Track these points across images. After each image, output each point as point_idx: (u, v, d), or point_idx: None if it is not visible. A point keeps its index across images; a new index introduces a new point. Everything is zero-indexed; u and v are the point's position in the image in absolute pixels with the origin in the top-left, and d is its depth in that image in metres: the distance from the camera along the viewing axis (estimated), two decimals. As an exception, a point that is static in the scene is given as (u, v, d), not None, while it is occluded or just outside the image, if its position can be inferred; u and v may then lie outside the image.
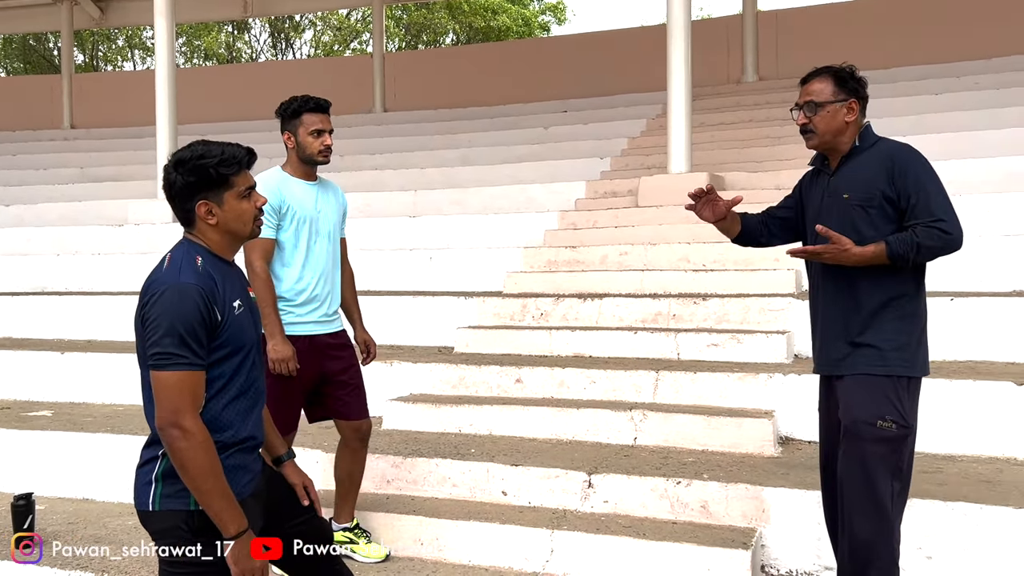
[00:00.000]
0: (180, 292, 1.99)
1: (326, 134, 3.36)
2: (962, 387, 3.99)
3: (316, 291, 3.37)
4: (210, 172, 2.08)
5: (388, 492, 3.97)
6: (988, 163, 6.84)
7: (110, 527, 4.06)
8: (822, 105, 2.73)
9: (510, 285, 6.36)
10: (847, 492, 2.62)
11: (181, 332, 1.96)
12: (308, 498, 2.39)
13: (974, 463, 3.79)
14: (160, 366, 1.97)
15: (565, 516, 3.59)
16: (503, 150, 10.57)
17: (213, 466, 1.98)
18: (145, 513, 2.08)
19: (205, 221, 2.12)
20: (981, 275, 5.36)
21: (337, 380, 3.44)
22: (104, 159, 12.84)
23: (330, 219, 3.44)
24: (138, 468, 2.11)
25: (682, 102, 7.49)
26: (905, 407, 2.57)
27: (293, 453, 2.46)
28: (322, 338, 3.40)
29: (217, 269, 2.11)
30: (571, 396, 4.62)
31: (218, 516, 1.99)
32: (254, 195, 2.17)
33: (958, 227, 2.57)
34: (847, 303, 2.67)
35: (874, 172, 2.65)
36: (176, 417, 1.95)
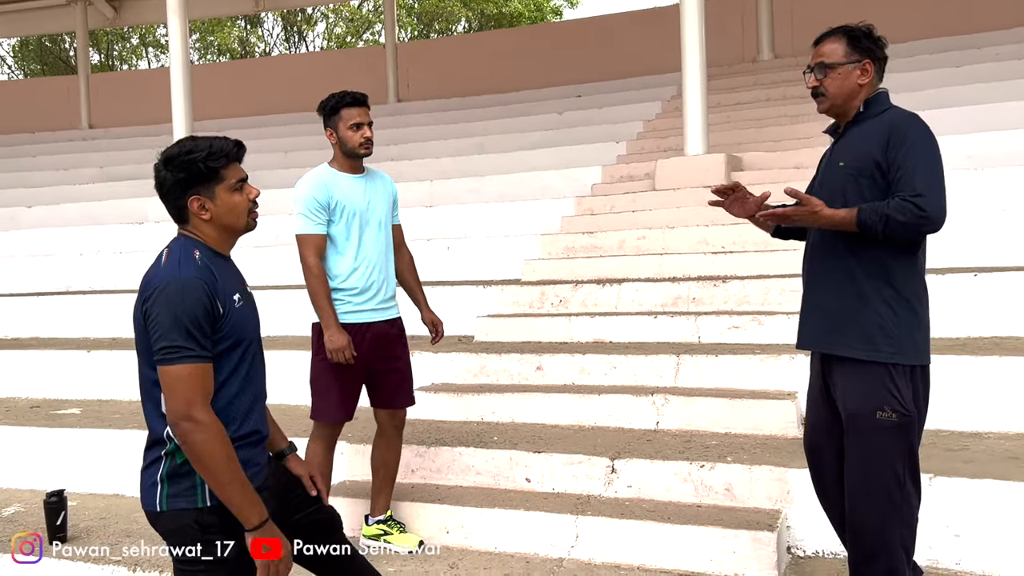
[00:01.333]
0: (183, 285, 1.98)
1: (365, 127, 3.44)
2: (988, 363, 3.95)
3: (371, 280, 3.45)
4: (199, 167, 2.07)
5: (413, 482, 3.99)
6: (1010, 135, 6.73)
7: (140, 522, 4.10)
8: (833, 67, 2.60)
9: (528, 272, 6.36)
10: (850, 483, 2.54)
11: (187, 325, 1.95)
12: (315, 488, 2.40)
13: (1001, 440, 3.75)
14: (168, 360, 1.95)
15: (589, 502, 3.60)
16: (518, 137, 10.54)
17: (230, 457, 1.97)
18: (153, 514, 2.07)
19: (199, 216, 2.10)
20: (1005, 249, 5.29)
21: (389, 368, 3.52)
22: (123, 158, 12.94)
23: (380, 209, 3.52)
24: (143, 470, 2.10)
25: (697, 83, 7.43)
26: (903, 394, 2.45)
27: (294, 447, 2.46)
28: (379, 325, 3.49)
29: (215, 263, 2.09)
30: (592, 382, 4.62)
31: (239, 508, 1.98)
32: (247, 187, 2.15)
33: (937, 207, 2.39)
34: (836, 281, 2.56)
35: (873, 141, 2.51)
36: (189, 409, 1.93)
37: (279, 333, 6.18)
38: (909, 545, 2.52)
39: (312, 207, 3.36)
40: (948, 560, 3.15)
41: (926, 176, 2.42)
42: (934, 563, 3.16)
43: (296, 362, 5.28)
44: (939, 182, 2.44)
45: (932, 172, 2.43)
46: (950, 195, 6.22)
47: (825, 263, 2.60)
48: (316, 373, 3.45)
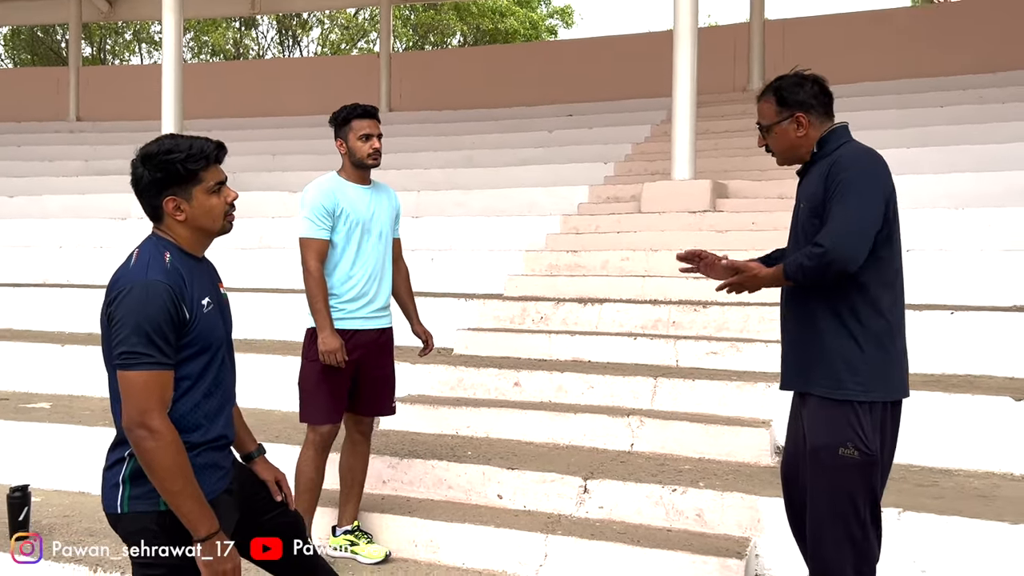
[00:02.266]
0: (147, 289, 1.94)
1: (374, 138, 3.51)
2: (960, 401, 3.99)
3: (365, 288, 3.50)
4: (177, 168, 2.03)
5: (384, 493, 3.97)
6: (991, 177, 6.84)
7: (105, 521, 4.03)
8: (768, 128, 2.66)
9: (511, 288, 6.36)
10: (811, 517, 2.55)
11: (148, 331, 1.92)
12: (281, 493, 2.37)
13: (970, 478, 3.78)
14: (127, 365, 1.93)
15: (560, 521, 3.59)
16: (507, 153, 10.57)
17: (182, 467, 1.93)
18: (114, 516, 2.05)
19: (173, 217, 2.07)
20: (982, 289, 5.35)
21: (374, 376, 3.56)
22: (109, 152, 12.84)
23: (382, 220, 3.58)
24: (105, 470, 2.07)
25: (687, 109, 7.49)
26: (867, 433, 2.44)
27: (263, 449, 2.44)
28: (368, 333, 3.52)
29: (186, 266, 2.06)
30: (569, 401, 4.62)
31: (188, 517, 1.95)
32: (225, 190, 2.11)
33: (839, 248, 2.38)
34: (803, 320, 2.59)
35: (819, 180, 2.53)
36: (144, 417, 1.91)
37: (256, 336, 6.15)
38: None
39: (318, 213, 3.42)
40: (913, 595, 3.16)
41: (838, 217, 2.43)
42: (899, 597, 3.17)
43: (273, 366, 5.25)
44: (850, 222, 2.41)
45: (845, 213, 2.42)
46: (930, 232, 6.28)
47: (795, 303, 2.63)
48: (305, 375, 3.47)
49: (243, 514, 2.23)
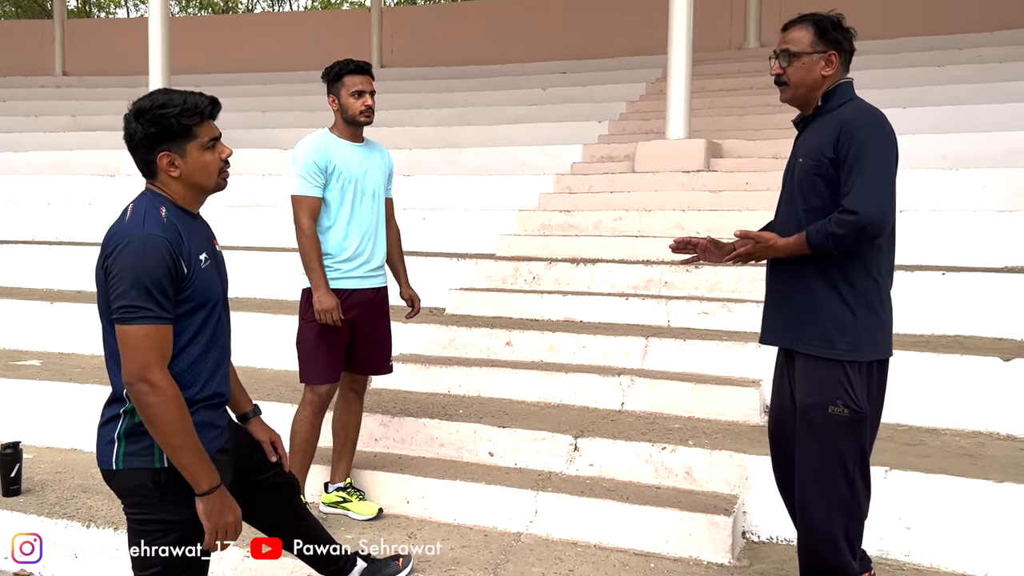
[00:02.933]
0: (145, 243, 1.93)
1: (367, 95, 3.46)
2: (949, 361, 4.01)
3: (360, 247, 3.48)
4: (172, 122, 2.01)
5: (376, 450, 3.99)
6: (988, 137, 6.80)
7: (97, 477, 4.02)
8: (798, 55, 2.57)
9: (503, 248, 6.34)
10: (800, 474, 2.58)
11: (147, 284, 1.90)
12: (276, 454, 2.40)
13: (957, 437, 3.82)
14: (126, 320, 1.91)
15: (550, 478, 3.62)
16: (500, 110, 10.47)
17: (184, 421, 1.94)
18: (109, 472, 2.04)
19: (167, 173, 2.05)
20: (974, 250, 5.36)
21: (371, 336, 3.55)
22: (97, 108, 12.67)
23: (375, 179, 3.54)
24: (100, 426, 2.07)
25: (682, 68, 7.41)
26: (856, 391, 2.47)
27: (259, 410, 2.45)
28: (364, 293, 3.50)
29: (182, 221, 2.05)
30: (560, 360, 4.63)
31: (189, 472, 1.95)
32: (219, 146, 2.09)
33: (872, 211, 2.37)
34: (792, 280, 2.59)
35: (826, 137, 2.49)
36: (144, 372, 1.90)
37: (248, 295, 6.13)
38: (854, 537, 2.57)
39: (311, 170, 3.37)
40: (898, 552, 3.21)
41: (865, 179, 2.40)
42: (884, 554, 3.22)
43: (264, 324, 5.24)
44: (878, 184, 2.41)
45: (871, 174, 2.40)
46: (924, 193, 6.29)
47: (784, 262, 2.61)
48: (303, 335, 3.46)
49: (237, 474, 2.23)
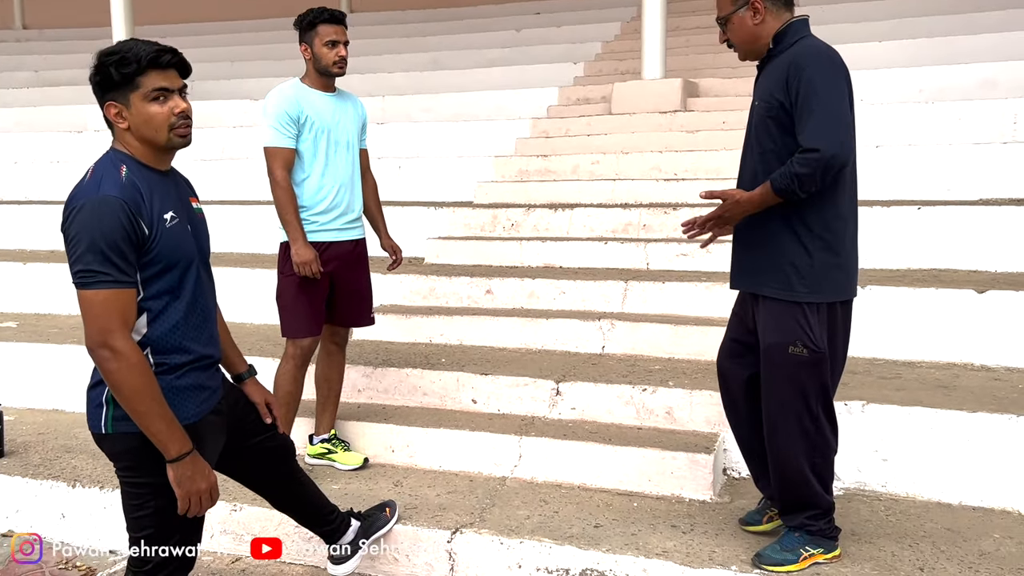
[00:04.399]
0: (100, 205, 1.87)
1: (340, 45, 3.40)
2: (924, 295, 4.06)
3: (336, 199, 3.43)
4: (110, 72, 1.95)
5: (359, 401, 4.00)
6: (962, 69, 6.77)
7: (81, 437, 4.07)
8: (727, 19, 2.62)
9: (480, 195, 6.29)
10: (766, 414, 2.64)
11: (103, 248, 1.85)
12: (271, 416, 2.38)
13: (932, 369, 3.89)
14: (84, 284, 1.86)
15: (533, 423, 3.65)
16: (474, 54, 10.29)
17: (148, 387, 1.89)
18: (99, 436, 2.03)
19: (117, 124, 2.00)
20: (950, 184, 5.38)
21: (350, 288, 3.52)
22: (60, 62, 12.33)
23: (348, 129, 3.48)
24: (89, 389, 2.04)
25: (656, 6, 7.29)
26: (815, 332, 2.51)
27: (254, 370, 2.42)
28: (342, 245, 3.47)
29: (145, 179, 1.98)
30: (541, 306, 4.64)
31: (157, 438, 1.92)
32: (173, 100, 1.99)
33: (832, 146, 2.36)
34: (753, 224, 2.60)
35: (775, 79, 2.50)
36: (105, 337, 1.86)
37: (224, 249, 6.06)
38: (824, 472, 2.64)
39: (282, 120, 3.31)
40: (875, 483, 3.29)
41: (819, 116, 2.38)
42: (862, 485, 3.29)
43: (242, 279, 5.20)
44: (833, 118, 2.40)
45: (825, 109, 2.39)
46: (900, 127, 6.28)
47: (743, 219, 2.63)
48: (282, 289, 3.43)
49: (231, 436, 2.22)
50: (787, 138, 2.49)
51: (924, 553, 2.75)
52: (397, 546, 2.98)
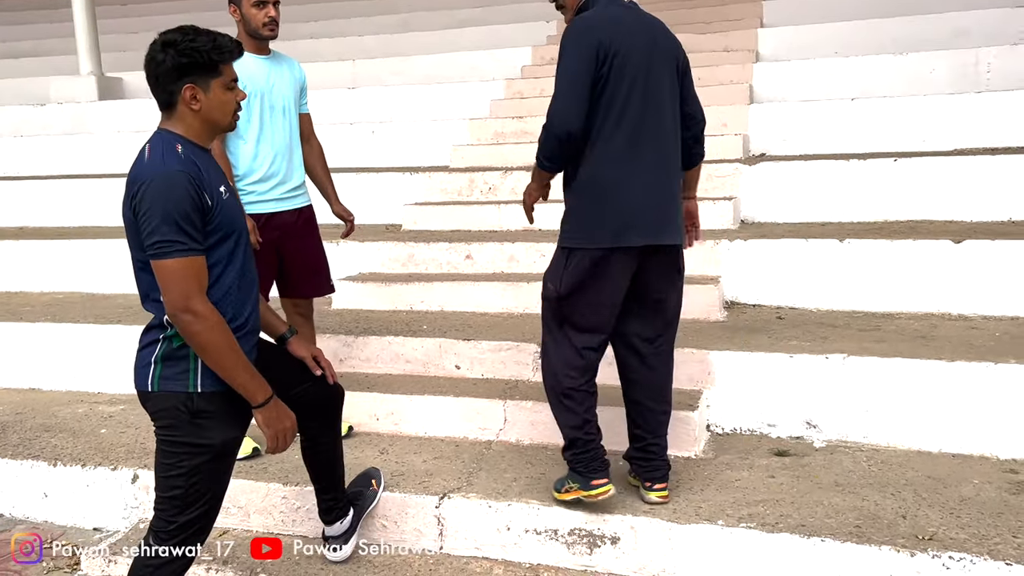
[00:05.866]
0: (169, 178, 1.99)
1: (270, 5, 3.23)
2: (902, 247, 4.08)
3: (274, 168, 3.30)
4: (203, 56, 2.07)
5: (342, 371, 3.96)
6: (935, 19, 6.77)
7: (59, 416, 4.03)
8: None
9: (456, 159, 6.23)
10: None
11: (176, 218, 1.97)
12: (319, 367, 2.52)
13: (911, 320, 3.92)
14: (162, 254, 1.98)
15: (517, 386, 3.65)
16: (445, 14, 10.10)
17: (230, 343, 2.06)
18: (144, 393, 2.15)
19: (188, 106, 2.10)
20: (925, 135, 5.40)
21: (297, 258, 3.41)
22: (19, 32, 11.98)
23: (284, 94, 3.33)
24: (139, 351, 2.17)
25: (629, -40, 7.17)
26: (563, 276, 2.69)
27: (295, 330, 2.55)
28: (284, 216, 3.35)
29: (198, 156, 2.11)
30: (521, 270, 4.62)
31: (245, 388, 2.10)
32: (237, 88, 2.18)
33: (551, 116, 2.57)
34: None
35: None
36: (187, 302, 1.99)
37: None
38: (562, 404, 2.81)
39: None
40: (857, 434, 3.32)
41: (554, 91, 2.59)
42: (844, 437, 3.33)
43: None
44: (558, 90, 2.58)
45: (556, 82, 2.59)
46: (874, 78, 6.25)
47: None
48: None
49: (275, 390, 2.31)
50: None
51: (906, 501, 2.79)
52: (385, 513, 2.98)
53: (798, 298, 4.15)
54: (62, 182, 6.82)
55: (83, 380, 4.42)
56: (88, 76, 8.66)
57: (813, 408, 3.38)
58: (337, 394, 2.66)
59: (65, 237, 5.76)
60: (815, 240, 4.23)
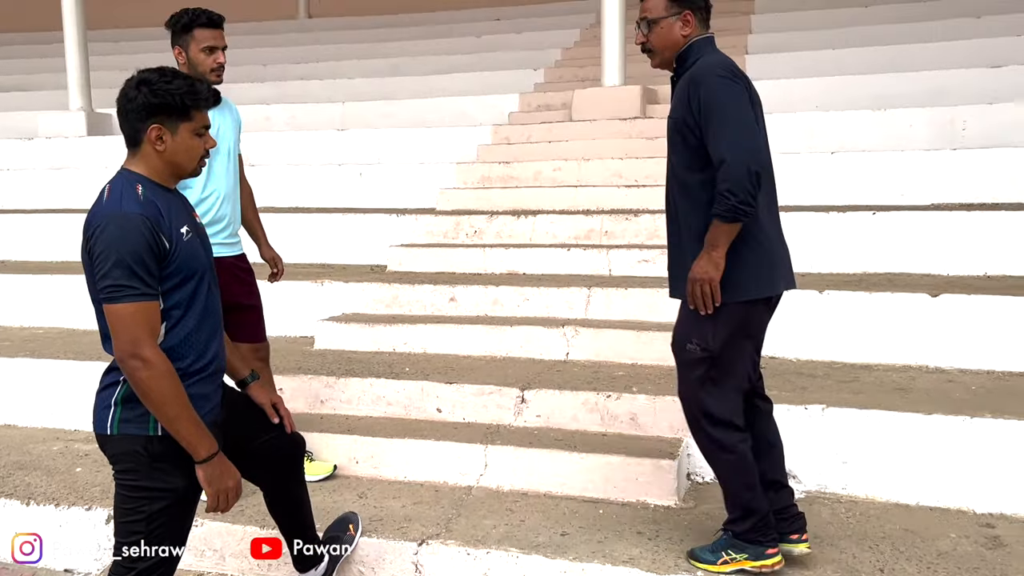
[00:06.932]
0: (125, 221, 1.97)
1: (219, 51, 3.21)
2: (880, 299, 4.14)
3: (220, 212, 3.27)
4: (176, 99, 2.06)
5: (322, 412, 3.96)
6: (914, 77, 6.95)
7: (34, 453, 3.97)
8: (656, 21, 2.66)
9: (443, 202, 6.28)
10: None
11: (129, 263, 1.95)
12: (277, 416, 2.45)
13: (889, 371, 3.96)
14: (113, 299, 1.96)
15: (499, 431, 3.65)
16: (435, 60, 10.27)
17: (177, 393, 2.00)
18: (103, 437, 2.11)
19: (153, 145, 2.09)
20: (903, 189, 5.50)
21: (243, 304, 3.38)
22: (8, 67, 12.05)
23: (228, 136, 3.32)
24: (98, 392, 2.13)
25: (616, 12, 7.34)
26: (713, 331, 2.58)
27: (257, 375, 2.50)
28: (228, 260, 3.32)
29: (159, 197, 2.08)
30: (505, 313, 4.64)
31: (187, 440, 2.03)
32: (206, 136, 2.16)
33: (737, 153, 2.41)
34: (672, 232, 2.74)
35: (679, 98, 2.59)
36: (135, 348, 1.96)
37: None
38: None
39: None
40: (835, 485, 3.34)
41: (719, 129, 2.45)
42: (823, 488, 3.34)
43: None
44: (732, 128, 2.45)
45: (723, 122, 2.45)
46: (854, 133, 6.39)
47: (668, 217, 2.75)
48: None
49: (233, 444, 2.28)
50: (691, 152, 2.56)
51: (884, 554, 2.80)
52: (363, 559, 2.95)
53: (777, 348, 4.19)
54: (46, 216, 6.81)
55: (60, 417, 4.37)
56: (77, 111, 8.70)
57: (792, 458, 3.37)
58: (298, 445, 2.58)
59: (47, 272, 5.74)
60: (795, 291, 4.27)
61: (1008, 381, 3.78)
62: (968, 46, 7.54)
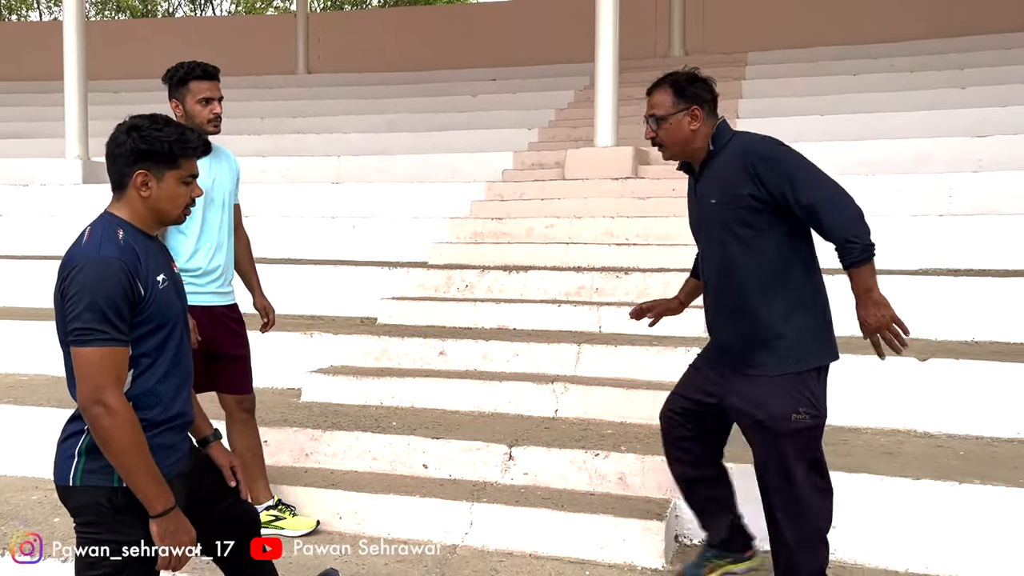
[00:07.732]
0: (101, 265, 1.94)
1: (215, 102, 3.27)
2: (869, 362, 4.14)
3: (215, 262, 3.29)
4: (164, 146, 2.05)
5: (307, 466, 3.92)
6: (900, 144, 7.09)
7: (12, 502, 3.91)
8: (664, 118, 2.73)
9: (435, 256, 6.31)
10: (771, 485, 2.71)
11: (103, 307, 1.91)
12: (235, 479, 2.36)
13: (877, 435, 3.95)
14: (81, 342, 1.91)
15: (485, 489, 3.61)
16: (430, 117, 10.43)
17: (138, 443, 1.94)
18: (65, 488, 2.04)
19: (138, 191, 2.06)
20: (889, 254, 5.53)
21: (231, 355, 3.37)
22: (8, 114, 12.18)
23: (224, 187, 3.36)
24: (60, 442, 2.06)
25: (609, 76, 7.50)
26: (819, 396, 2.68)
27: (220, 434, 2.42)
28: (220, 310, 3.33)
29: (140, 243, 2.06)
30: (494, 368, 4.63)
31: (144, 493, 1.95)
32: (193, 185, 2.14)
33: (829, 186, 2.55)
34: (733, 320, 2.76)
35: (734, 172, 2.62)
36: (99, 394, 1.90)
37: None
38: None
39: None
40: (824, 549, 3.29)
41: (806, 177, 2.55)
42: (811, 552, 3.30)
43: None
44: (814, 173, 2.57)
45: (804, 172, 2.56)
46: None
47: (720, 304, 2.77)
48: None
49: (196, 501, 2.20)
50: (758, 217, 2.60)
51: (873, 622, 2.75)
52: (343, 618, 2.89)
53: (767, 409, 4.18)
54: (38, 263, 6.80)
55: (39, 466, 4.27)
56: (74, 160, 8.75)
57: (781, 521, 3.35)
58: (254, 512, 2.50)
59: (35, 318, 5.71)
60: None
61: (995, 447, 3.78)
62: (950, 115, 7.72)
